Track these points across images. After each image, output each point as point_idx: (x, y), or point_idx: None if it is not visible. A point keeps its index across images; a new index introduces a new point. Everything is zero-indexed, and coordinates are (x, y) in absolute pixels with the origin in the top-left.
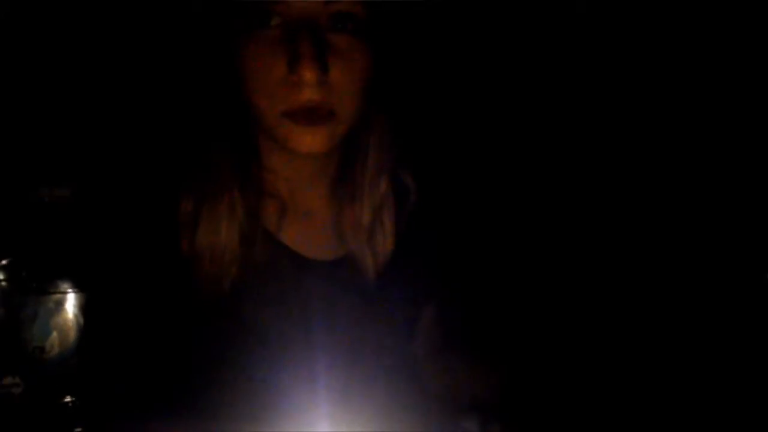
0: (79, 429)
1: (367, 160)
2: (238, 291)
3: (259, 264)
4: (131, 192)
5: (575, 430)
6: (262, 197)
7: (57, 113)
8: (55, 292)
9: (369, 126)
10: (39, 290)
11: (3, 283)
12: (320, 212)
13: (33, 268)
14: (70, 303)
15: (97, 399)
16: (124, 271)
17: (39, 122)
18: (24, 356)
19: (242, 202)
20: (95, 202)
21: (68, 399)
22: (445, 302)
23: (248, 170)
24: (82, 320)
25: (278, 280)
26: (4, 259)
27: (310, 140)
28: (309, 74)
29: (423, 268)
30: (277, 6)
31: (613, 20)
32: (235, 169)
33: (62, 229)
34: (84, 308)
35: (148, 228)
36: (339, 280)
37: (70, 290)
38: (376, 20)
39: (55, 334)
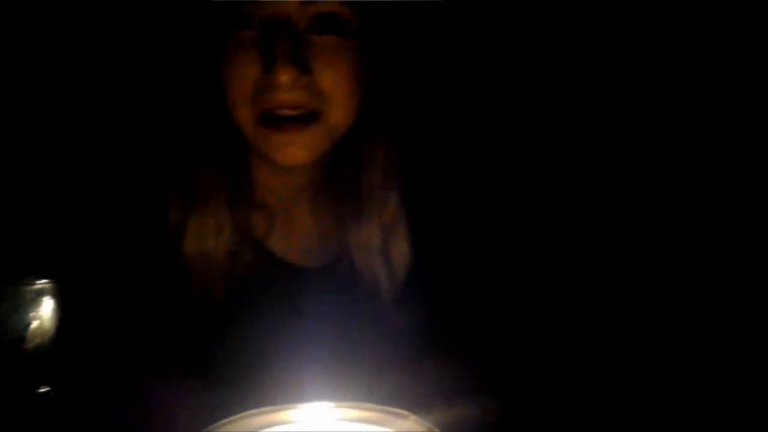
0: (56, 419)
1: (373, 176)
2: (229, 299)
3: (247, 270)
4: (117, 197)
5: (576, 421)
6: (251, 208)
7: (46, 111)
8: (35, 283)
9: (369, 138)
10: (18, 281)
11: None
12: (307, 220)
13: (12, 260)
14: (50, 293)
15: (76, 389)
16: (108, 273)
17: (23, 120)
18: (5, 347)
19: (230, 215)
20: (79, 201)
21: (46, 389)
22: (444, 305)
23: (237, 182)
24: (61, 311)
25: (268, 289)
26: None
27: (291, 152)
28: (284, 75)
29: (433, 282)
30: (254, 7)
31: (613, 20)
32: (223, 181)
33: (41, 222)
34: (65, 302)
35: (132, 234)
36: (329, 287)
37: (49, 281)
38: (363, 20)
39: (34, 324)
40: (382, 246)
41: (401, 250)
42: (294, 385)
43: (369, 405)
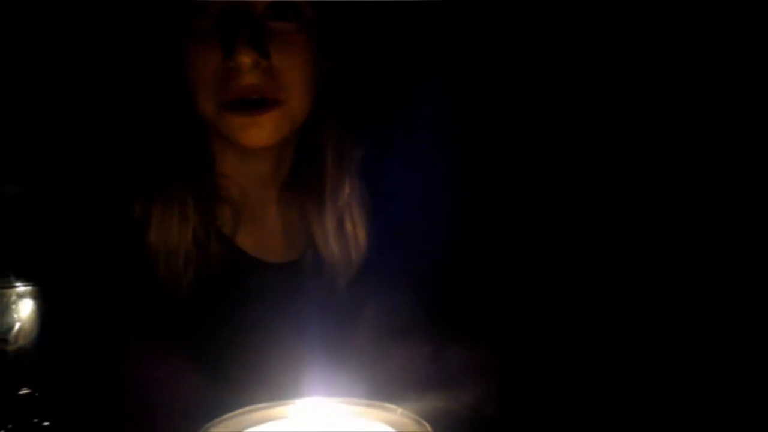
0: (38, 420)
1: (327, 162)
2: (195, 293)
3: (215, 267)
4: (83, 190)
5: (574, 420)
6: (216, 201)
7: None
8: (17, 286)
9: (324, 126)
10: (1, 283)
11: None
12: (275, 216)
13: None
14: (32, 295)
15: (59, 390)
16: (77, 268)
17: None
18: None
19: (194, 203)
20: (48, 200)
21: (28, 390)
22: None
23: (201, 173)
24: (43, 313)
25: (235, 283)
26: None
27: (256, 132)
28: (245, 58)
29: (392, 267)
30: None
31: (613, 20)
32: (188, 171)
33: (20, 224)
34: (43, 302)
35: (98, 226)
36: (297, 281)
37: (31, 283)
38: (318, 9)
39: (18, 326)
40: (337, 230)
41: (357, 234)
42: (266, 380)
43: (356, 399)
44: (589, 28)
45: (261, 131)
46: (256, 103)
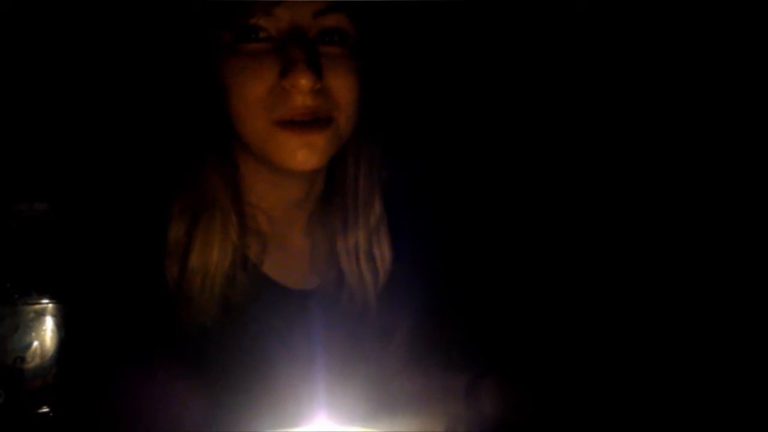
0: None
1: (359, 183)
2: (223, 321)
3: (241, 294)
4: (116, 213)
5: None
6: (245, 231)
7: (38, 127)
8: (35, 303)
9: (358, 148)
10: (21, 301)
11: None
12: (299, 241)
13: (14, 280)
14: (50, 313)
15: (75, 412)
16: (101, 289)
17: (18, 136)
18: (5, 367)
19: (235, 221)
20: (77, 219)
21: (46, 410)
22: (440, 312)
23: (235, 200)
24: (61, 331)
25: (263, 312)
26: None
27: (307, 153)
28: (304, 79)
29: (417, 283)
30: (266, 20)
31: (613, 20)
32: (227, 188)
33: (41, 242)
34: (65, 322)
35: (133, 249)
36: (321, 307)
37: (49, 301)
38: (364, 35)
39: (36, 344)
40: (368, 250)
41: (384, 252)
42: (293, 406)
43: (373, 428)
44: (589, 28)
45: (312, 152)
46: (309, 124)
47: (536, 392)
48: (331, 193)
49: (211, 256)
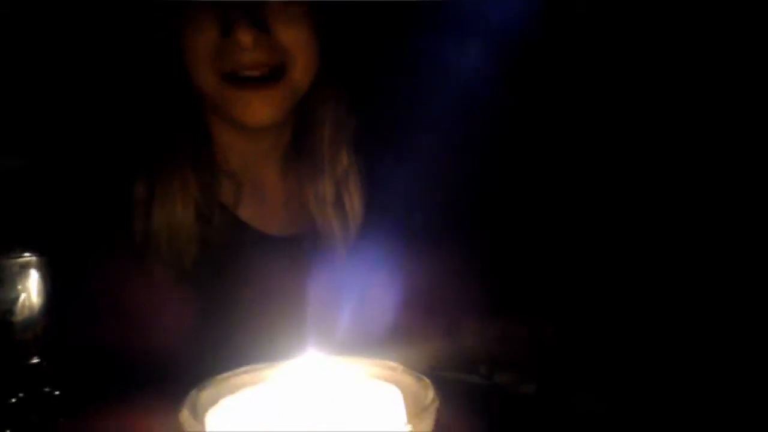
0: (48, 389)
1: (324, 133)
2: (198, 267)
3: (218, 241)
4: (84, 166)
5: (611, 390)
6: (217, 175)
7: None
8: (19, 257)
9: (322, 97)
10: (4, 256)
11: None
12: (276, 188)
13: None
14: (36, 266)
15: (66, 360)
16: (80, 241)
17: None
18: None
19: (195, 179)
20: (51, 175)
21: (36, 360)
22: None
23: (200, 148)
24: (47, 284)
25: (237, 255)
26: None
27: (258, 109)
28: (244, 37)
29: (392, 235)
30: None
31: (613, 20)
32: (186, 147)
33: (21, 198)
34: (48, 273)
35: (101, 207)
36: (298, 254)
37: (33, 255)
38: None
39: (23, 297)
40: (335, 200)
41: (354, 204)
42: (268, 345)
43: (357, 357)
44: (589, 28)
45: (262, 109)
46: (260, 79)
47: (515, 329)
48: (301, 141)
49: (174, 213)
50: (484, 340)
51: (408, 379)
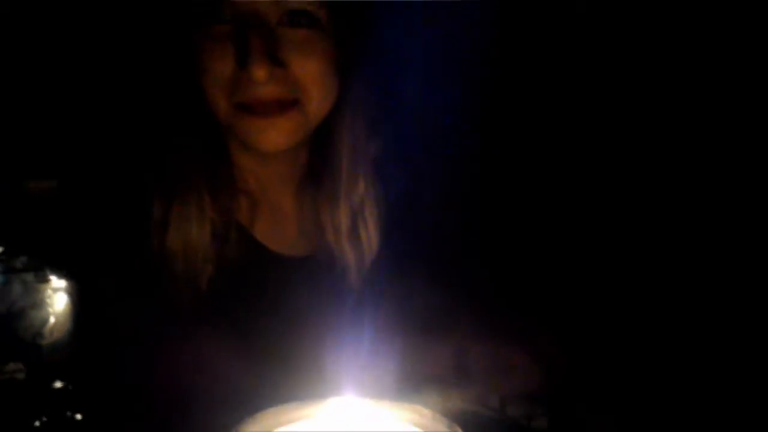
0: (70, 413)
1: (342, 162)
2: (215, 288)
3: (233, 260)
4: (110, 194)
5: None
6: (234, 194)
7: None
8: (50, 280)
9: (340, 127)
10: (37, 278)
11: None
12: (292, 210)
13: (29, 257)
14: (66, 290)
15: (91, 384)
16: (102, 265)
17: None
18: (24, 343)
19: (212, 202)
20: (73, 198)
21: (61, 384)
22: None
23: (218, 169)
24: (76, 308)
25: (252, 276)
26: None
27: (271, 136)
28: (259, 72)
29: (408, 262)
30: (226, 3)
31: (613, 20)
32: (204, 169)
33: (51, 220)
34: (79, 300)
35: (119, 226)
36: (313, 276)
37: (64, 278)
38: (333, 14)
39: (52, 320)
40: (350, 230)
41: (370, 233)
42: (284, 372)
43: (387, 400)
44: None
45: (277, 135)
46: (271, 109)
47: (524, 358)
48: (320, 165)
49: (189, 234)
50: (493, 369)
51: (439, 427)
